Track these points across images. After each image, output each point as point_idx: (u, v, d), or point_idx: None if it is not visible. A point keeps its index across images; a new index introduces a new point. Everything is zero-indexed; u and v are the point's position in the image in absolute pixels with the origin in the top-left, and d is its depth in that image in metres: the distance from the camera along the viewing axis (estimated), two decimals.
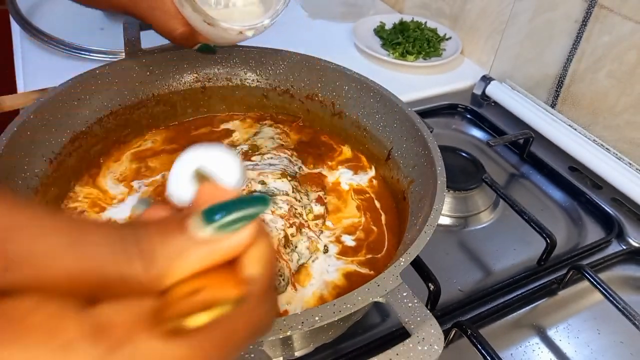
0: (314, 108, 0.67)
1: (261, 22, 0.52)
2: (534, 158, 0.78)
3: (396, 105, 0.58)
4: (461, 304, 0.55)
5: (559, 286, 0.59)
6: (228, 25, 0.50)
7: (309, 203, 0.55)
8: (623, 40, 0.74)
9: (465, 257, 0.62)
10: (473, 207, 0.67)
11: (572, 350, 0.53)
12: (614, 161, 0.75)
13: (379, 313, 0.54)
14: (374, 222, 0.56)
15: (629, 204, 0.71)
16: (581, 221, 0.69)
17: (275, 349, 0.41)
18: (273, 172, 0.55)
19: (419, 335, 0.34)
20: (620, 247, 0.65)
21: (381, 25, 1.08)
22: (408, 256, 0.39)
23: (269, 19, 0.53)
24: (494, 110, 0.89)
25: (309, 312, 0.34)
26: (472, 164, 0.71)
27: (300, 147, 0.64)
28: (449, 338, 0.51)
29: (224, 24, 0.50)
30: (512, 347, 0.53)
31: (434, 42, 1.02)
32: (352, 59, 0.99)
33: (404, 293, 0.36)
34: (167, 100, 0.64)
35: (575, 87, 0.83)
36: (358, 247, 0.53)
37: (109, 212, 0.53)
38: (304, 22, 1.12)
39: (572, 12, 0.80)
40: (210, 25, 0.50)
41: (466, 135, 0.85)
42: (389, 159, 0.60)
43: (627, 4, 0.72)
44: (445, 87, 0.95)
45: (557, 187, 0.74)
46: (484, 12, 0.97)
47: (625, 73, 0.75)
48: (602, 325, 0.56)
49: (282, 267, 0.47)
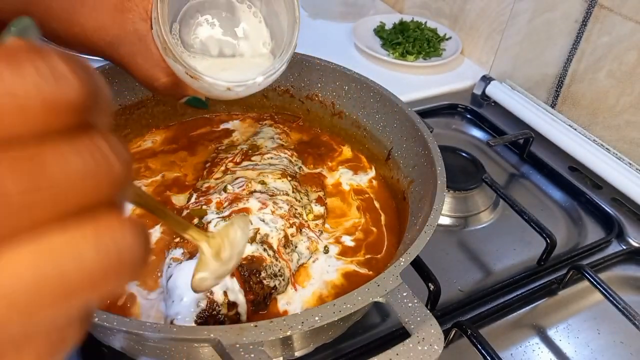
0: (314, 108, 0.67)
1: (252, 80, 0.43)
2: (534, 158, 0.78)
3: (396, 105, 0.58)
4: (461, 304, 0.55)
5: (559, 286, 0.59)
6: (213, 81, 0.42)
7: (309, 203, 0.55)
8: (623, 40, 0.74)
9: (465, 257, 0.62)
10: (473, 207, 0.67)
11: (572, 350, 0.53)
12: (614, 161, 0.75)
13: (379, 313, 0.54)
14: (374, 222, 0.56)
15: (629, 204, 0.71)
16: (581, 221, 0.69)
17: (275, 349, 0.41)
18: (273, 172, 0.55)
19: (419, 335, 0.34)
20: (620, 247, 0.65)
21: (381, 25, 1.08)
22: (408, 256, 0.39)
23: (262, 77, 0.44)
24: (494, 110, 0.89)
25: (309, 312, 0.34)
26: (472, 164, 0.71)
27: (300, 147, 0.64)
28: (449, 338, 0.51)
29: (209, 78, 0.42)
30: (512, 347, 0.53)
31: (434, 42, 1.02)
32: (352, 59, 0.99)
33: (404, 293, 0.37)
34: (167, 100, 0.64)
35: (575, 87, 0.83)
36: (357, 247, 0.53)
37: None
38: (304, 22, 1.11)
39: (572, 12, 0.80)
40: (194, 79, 0.42)
41: (466, 135, 0.85)
42: (389, 159, 0.60)
43: (627, 4, 0.72)
44: (445, 87, 0.95)
45: (557, 187, 0.74)
46: (484, 12, 0.97)
47: (625, 73, 0.75)
48: (602, 325, 0.56)
49: (283, 267, 0.47)
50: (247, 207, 0.49)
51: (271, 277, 0.45)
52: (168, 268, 0.45)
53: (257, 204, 0.49)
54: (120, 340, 0.40)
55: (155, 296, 0.46)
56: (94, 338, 0.44)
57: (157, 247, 0.50)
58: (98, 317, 0.33)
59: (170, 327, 0.34)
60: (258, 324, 0.33)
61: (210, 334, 0.32)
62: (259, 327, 0.33)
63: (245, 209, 0.49)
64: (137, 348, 0.40)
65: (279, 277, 0.46)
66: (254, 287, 0.44)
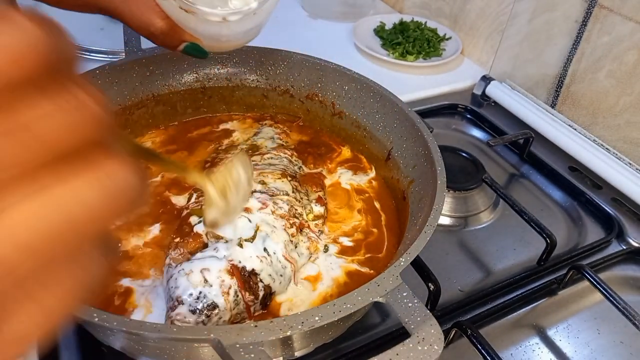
0: (314, 108, 0.67)
1: (247, 6, 0.43)
2: (534, 158, 0.78)
3: (396, 105, 0.58)
4: (461, 304, 0.55)
5: (559, 286, 0.59)
6: (208, 10, 0.42)
7: (309, 203, 0.55)
8: (623, 40, 0.74)
9: (465, 257, 0.62)
10: (473, 207, 0.67)
11: (572, 350, 0.53)
12: (614, 161, 0.75)
13: (379, 313, 0.54)
14: (374, 222, 0.56)
15: (629, 204, 0.71)
16: (581, 221, 0.69)
17: (275, 349, 0.41)
18: (273, 172, 0.55)
19: (419, 335, 0.34)
20: (620, 247, 0.65)
21: (381, 25, 1.08)
22: (408, 256, 0.39)
23: (256, 2, 0.44)
24: (494, 110, 0.89)
25: (309, 312, 0.34)
26: (472, 164, 0.71)
27: (300, 147, 0.64)
28: (449, 338, 0.51)
29: (203, 7, 0.42)
30: (512, 347, 0.53)
31: (434, 42, 1.02)
32: (352, 59, 0.99)
33: (404, 293, 0.37)
34: (167, 100, 0.64)
35: (575, 87, 0.83)
36: (357, 247, 0.53)
37: None
38: (304, 22, 1.12)
39: (572, 12, 0.80)
40: (188, 13, 0.42)
41: (466, 135, 0.85)
42: (389, 159, 0.60)
43: (627, 4, 0.72)
44: (445, 87, 0.95)
45: (557, 187, 0.74)
46: (484, 12, 0.97)
47: (625, 73, 0.75)
48: (602, 325, 0.56)
49: (285, 266, 0.47)
50: (248, 206, 0.49)
51: (271, 277, 0.45)
52: (168, 268, 0.45)
53: (257, 204, 0.49)
54: (120, 340, 0.40)
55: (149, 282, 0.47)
56: (94, 338, 0.44)
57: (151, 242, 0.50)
58: (98, 317, 0.33)
59: (170, 327, 0.34)
60: (258, 324, 0.33)
61: (210, 334, 0.32)
62: (259, 327, 0.33)
63: (246, 208, 0.49)
64: (137, 348, 0.40)
65: (280, 277, 0.46)
66: (253, 287, 0.44)
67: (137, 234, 0.51)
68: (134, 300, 0.46)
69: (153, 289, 0.47)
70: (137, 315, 0.45)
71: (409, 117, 0.56)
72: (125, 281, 0.47)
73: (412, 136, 0.55)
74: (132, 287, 0.47)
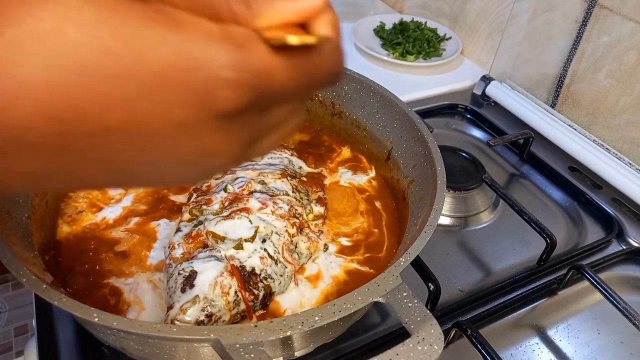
0: (314, 108, 0.67)
1: None
2: (534, 158, 0.78)
3: (396, 105, 0.58)
4: (461, 304, 0.55)
5: (559, 286, 0.59)
6: None
7: (309, 203, 0.55)
8: (623, 40, 0.74)
9: (465, 257, 0.62)
10: (473, 207, 0.67)
11: (572, 350, 0.53)
12: (614, 161, 0.75)
13: (379, 313, 0.54)
14: (374, 222, 0.56)
15: (629, 204, 0.71)
16: (581, 221, 0.69)
17: (275, 349, 0.41)
18: (273, 172, 0.55)
19: (419, 335, 0.34)
20: (620, 247, 0.65)
21: (381, 25, 1.08)
22: (408, 256, 0.39)
23: None
24: (493, 110, 0.89)
25: (309, 312, 0.34)
26: (472, 164, 0.71)
27: (301, 147, 0.64)
28: (449, 338, 0.51)
29: None
30: (512, 347, 0.53)
31: (434, 42, 1.02)
32: (352, 59, 0.99)
33: (404, 293, 0.36)
34: None
35: (575, 87, 0.83)
36: (357, 247, 0.53)
37: (105, 211, 0.53)
38: None
39: (572, 12, 0.80)
40: None
41: (466, 135, 0.85)
42: (389, 159, 0.60)
43: (627, 4, 0.72)
44: (445, 87, 0.95)
45: (557, 187, 0.74)
46: (484, 12, 0.97)
47: (625, 73, 0.75)
48: (602, 325, 0.56)
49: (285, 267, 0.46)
50: (248, 207, 0.49)
51: (272, 278, 0.45)
52: (168, 268, 0.45)
53: (257, 204, 0.49)
54: (120, 340, 0.40)
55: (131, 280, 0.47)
56: (94, 338, 0.44)
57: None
58: (98, 317, 0.33)
59: (170, 327, 0.34)
60: (258, 324, 0.33)
61: (210, 334, 0.32)
62: (259, 327, 0.33)
63: (246, 208, 0.49)
64: (137, 348, 0.40)
65: (280, 277, 0.46)
66: (253, 287, 0.44)
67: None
68: (125, 298, 0.46)
69: (137, 285, 0.47)
70: (132, 313, 0.45)
71: (409, 117, 0.56)
72: (112, 280, 0.47)
73: (412, 136, 0.55)
74: (119, 286, 0.47)
